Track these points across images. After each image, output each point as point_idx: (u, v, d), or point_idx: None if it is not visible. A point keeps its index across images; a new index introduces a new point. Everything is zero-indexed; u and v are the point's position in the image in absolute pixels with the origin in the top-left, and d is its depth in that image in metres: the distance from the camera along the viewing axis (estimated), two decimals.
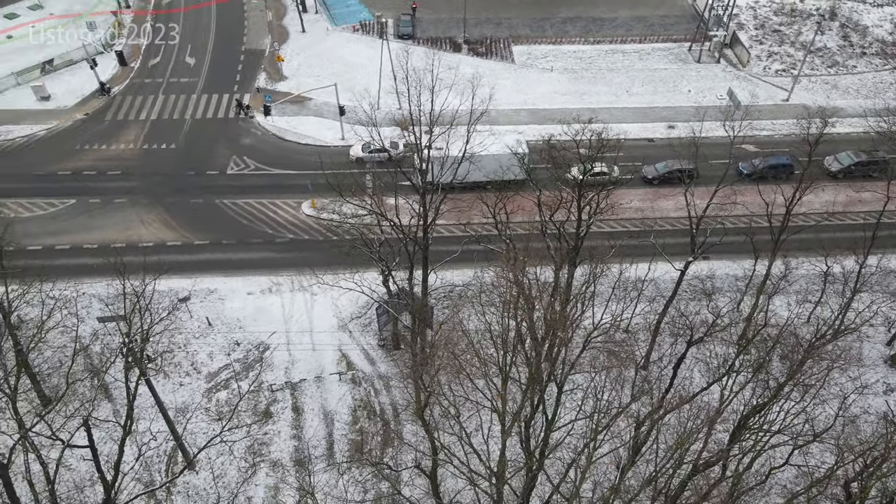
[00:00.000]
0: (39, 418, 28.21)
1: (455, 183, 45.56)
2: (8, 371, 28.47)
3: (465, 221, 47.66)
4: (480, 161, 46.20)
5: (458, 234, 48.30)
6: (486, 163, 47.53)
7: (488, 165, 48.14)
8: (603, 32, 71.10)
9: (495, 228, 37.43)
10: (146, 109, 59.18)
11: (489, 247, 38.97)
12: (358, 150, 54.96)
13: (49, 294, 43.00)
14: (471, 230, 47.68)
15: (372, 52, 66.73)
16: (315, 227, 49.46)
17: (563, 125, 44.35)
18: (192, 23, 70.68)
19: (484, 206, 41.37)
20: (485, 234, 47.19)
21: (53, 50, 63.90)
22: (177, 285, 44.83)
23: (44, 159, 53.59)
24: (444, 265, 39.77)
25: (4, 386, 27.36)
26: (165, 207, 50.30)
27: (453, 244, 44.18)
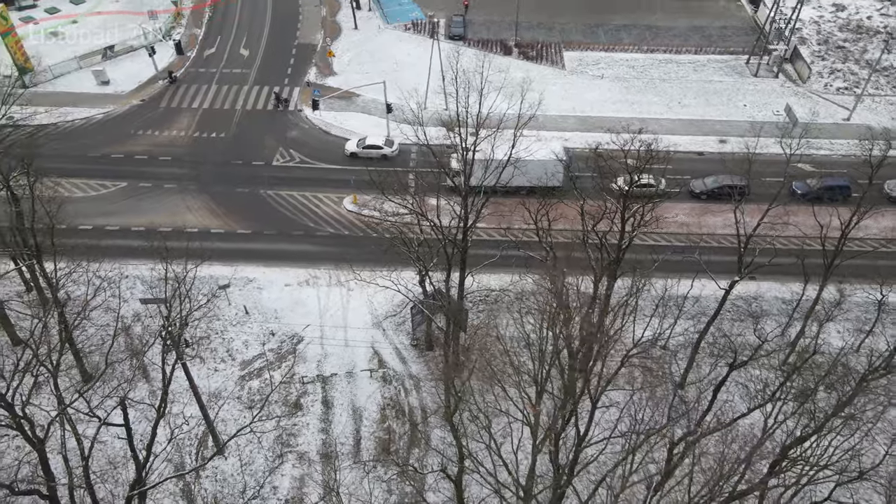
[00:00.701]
0: (79, 395, 28.88)
1: (498, 187, 45.65)
2: (51, 347, 29.14)
3: (506, 226, 47.21)
4: (525, 166, 45.86)
5: (498, 237, 47.88)
6: (529, 168, 47.07)
7: (532, 171, 47.59)
8: (658, 41, 69.64)
9: (536, 235, 36.82)
10: (199, 98, 60.45)
11: (529, 253, 38.41)
12: (353, 144, 54.96)
13: (96, 273, 44.40)
14: (511, 235, 47.29)
15: (422, 52, 66.86)
16: (356, 223, 49.67)
17: (612, 134, 43.64)
18: (248, 14, 72.02)
19: (525, 212, 41.04)
20: (525, 240, 46.76)
21: (115, 36, 65.90)
22: (218, 272, 45.50)
23: (99, 142, 55.23)
24: (481, 269, 39.34)
25: (47, 362, 28.03)
26: (211, 195, 51.23)
27: (492, 248, 43.66)
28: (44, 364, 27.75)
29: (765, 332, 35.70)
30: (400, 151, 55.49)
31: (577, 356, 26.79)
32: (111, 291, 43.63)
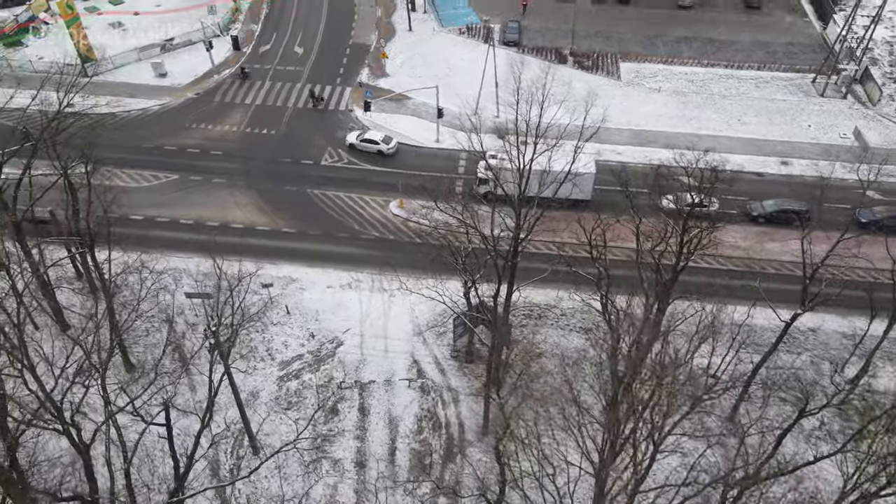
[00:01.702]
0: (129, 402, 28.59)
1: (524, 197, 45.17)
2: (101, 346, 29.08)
3: (559, 240, 45.60)
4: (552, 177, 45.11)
5: (545, 251, 46.72)
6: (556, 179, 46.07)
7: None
8: (719, 55, 67.41)
9: (589, 253, 35.41)
10: (252, 94, 60.88)
11: (580, 272, 37.09)
12: (353, 136, 55.11)
13: (144, 264, 44.96)
14: (560, 249, 45.93)
15: (475, 56, 65.99)
16: (401, 228, 49.18)
17: (674, 151, 42.15)
18: (304, 12, 72.40)
19: (574, 225, 39.78)
20: (574, 256, 45.50)
21: (174, 29, 66.95)
22: (262, 270, 45.42)
23: (154, 133, 56.05)
24: (530, 284, 38.20)
25: (96, 361, 27.99)
26: (259, 192, 51.41)
27: (540, 261, 42.66)
28: (94, 366, 27.71)
29: (827, 369, 33.88)
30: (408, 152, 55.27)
31: (629, 388, 25.52)
32: (158, 283, 44.17)
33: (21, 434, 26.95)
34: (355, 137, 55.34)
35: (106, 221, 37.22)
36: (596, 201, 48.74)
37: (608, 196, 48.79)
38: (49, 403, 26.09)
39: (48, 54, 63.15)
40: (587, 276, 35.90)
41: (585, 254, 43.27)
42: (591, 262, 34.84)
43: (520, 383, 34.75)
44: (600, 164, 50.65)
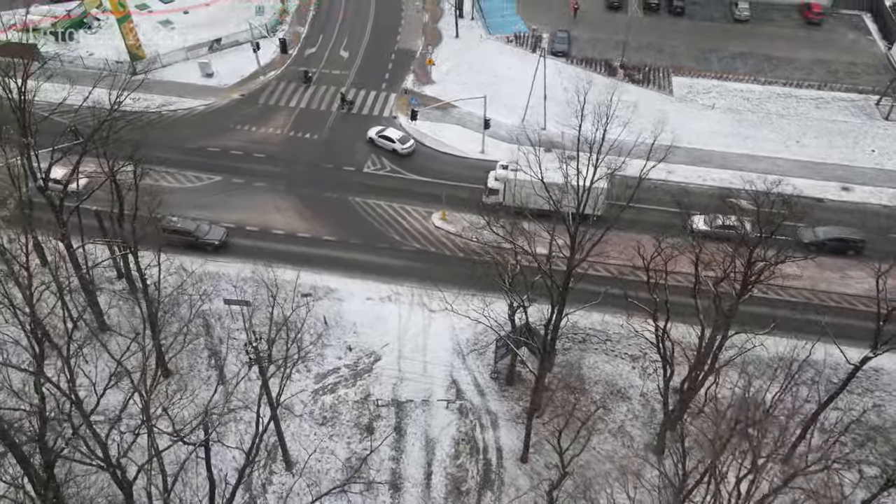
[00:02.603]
0: (177, 438, 27.98)
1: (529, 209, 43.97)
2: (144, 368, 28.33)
3: (612, 262, 43.73)
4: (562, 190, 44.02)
5: (592, 271, 44.91)
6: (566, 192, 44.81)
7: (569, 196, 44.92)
8: (777, 73, 64.87)
9: (646, 280, 33.58)
10: (296, 97, 60.43)
11: (638, 303, 35.27)
12: (373, 131, 55.40)
13: (183, 266, 44.70)
14: (609, 271, 44.33)
15: (523, 66, 64.59)
16: (443, 241, 48.04)
17: (732, 171, 40.34)
18: (351, 15, 71.85)
19: (623, 245, 38.10)
20: (619, 276, 43.91)
21: (222, 30, 66.96)
22: (301, 279, 44.67)
23: (198, 134, 55.91)
24: (583, 308, 36.41)
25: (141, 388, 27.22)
26: (300, 198, 50.79)
27: (586, 282, 40.90)
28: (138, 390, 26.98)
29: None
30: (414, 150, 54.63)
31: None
32: (197, 288, 43.78)
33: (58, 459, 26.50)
34: (375, 133, 55.19)
35: (153, 227, 36.66)
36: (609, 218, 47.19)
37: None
38: (95, 441, 25.57)
39: (99, 51, 63.83)
40: (644, 308, 34.05)
41: (635, 276, 42.05)
42: (648, 290, 33.05)
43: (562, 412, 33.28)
44: (645, 183, 48.49)
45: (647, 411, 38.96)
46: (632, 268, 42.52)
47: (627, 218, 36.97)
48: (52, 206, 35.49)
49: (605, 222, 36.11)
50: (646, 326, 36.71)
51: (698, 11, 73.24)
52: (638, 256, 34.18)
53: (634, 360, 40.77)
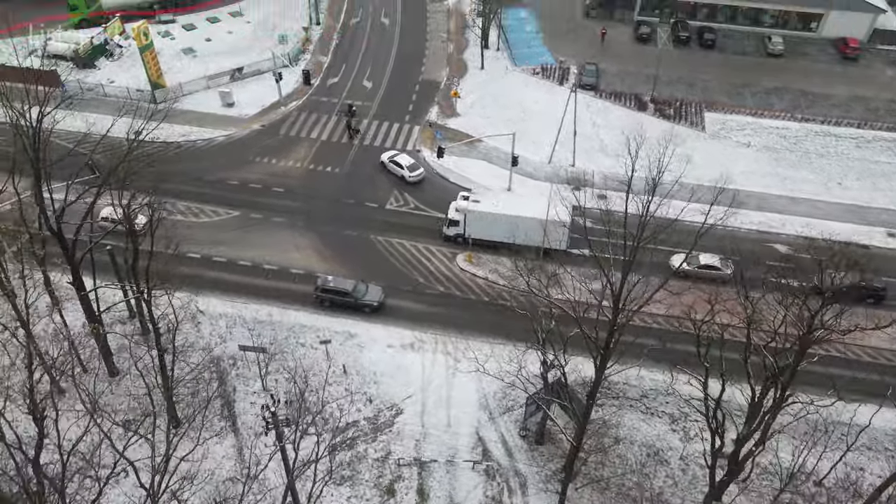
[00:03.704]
0: None
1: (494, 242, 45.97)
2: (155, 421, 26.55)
3: (663, 314, 41.10)
4: (526, 224, 44.78)
5: (639, 322, 42.01)
6: (530, 226, 45.02)
7: (532, 230, 45.07)
8: (813, 110, 62.60)
9: (694, 331, 30.87)
10: (318, 129, 59.02)
11: (685, 371, 32.69)
12: (387, 155, 54.73)
13: (199, 307, 42.92)
14: (645, 321, 41.69)
15: (550, 99, 62.98)
16: (468, 284, 45.91)
17: (775, 216, 37.82)
18: (374, 44, 70.73)
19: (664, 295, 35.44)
20: (661, 328, 41.49)
21: (244, 58, 66.03)
22: (319, 322, 42.98)
23: (218, 165, 54.51)
24: (628, 365, 33.73)
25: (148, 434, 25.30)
26: (320, 235, 49.00)
27: (626, 334, 38.35)
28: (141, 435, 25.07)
29: None
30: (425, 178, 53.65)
31: None
32: (212, 331, 41.99)
33: None
34: (387, 157, 54.29)
35: (167, 276, 34.87)
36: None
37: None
38: None
39: (120, 78, 63.06)
40: (693, 375, 31.40)
41: (678, 327, 39.62)
42: (697, 353, 30.51)
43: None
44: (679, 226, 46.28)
45: (687, 477, 36.32)
46: (677, 319, 40.20)
47: (659, 262, 34.51)
48: (64, 251, 33.83)
49: (659, 274, 33.45)
50: (691, 389, 34.35)
51: (730, 45, 71.36)
52: (679, 304, 31.71)
53: (674, 420, 38.20)
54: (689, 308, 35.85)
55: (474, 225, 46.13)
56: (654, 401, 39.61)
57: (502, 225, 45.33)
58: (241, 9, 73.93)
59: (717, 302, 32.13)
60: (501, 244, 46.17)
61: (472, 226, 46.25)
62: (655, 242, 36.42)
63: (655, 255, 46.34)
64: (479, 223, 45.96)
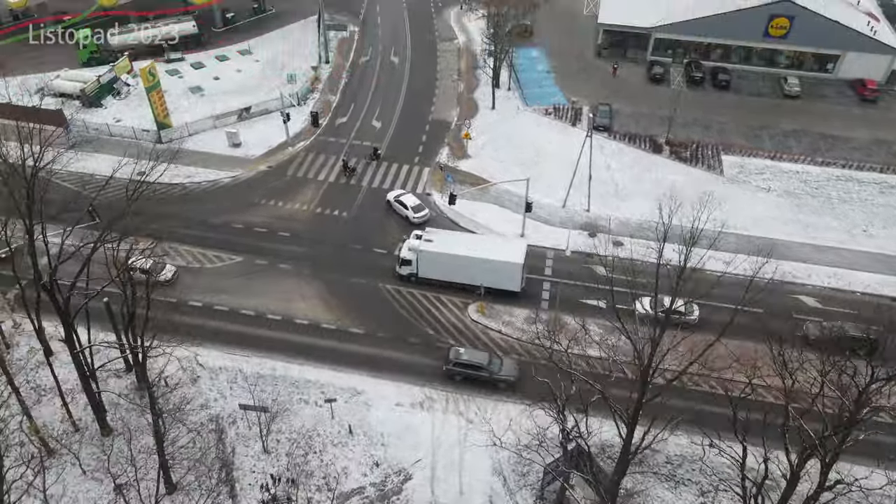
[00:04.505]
0: None
1: (449, 282, 45.57)
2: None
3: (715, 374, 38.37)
4: (480, 265, 44.24)
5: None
6: (484, 267, 44.42)
7: (486, 271, 44.60)
8: (834, 153, 61.02)
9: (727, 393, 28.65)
10: (325, 170, 57.71)
11: (721, 453, 30.40)
12: (392, 194, 53.68)
13: (198, 360, 41.01)
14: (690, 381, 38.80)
15: (563, 140, 61.70)
16: (480, 337, 43.86)
17: (799, 265, 35.43)
18: (384, 83, 69.90)
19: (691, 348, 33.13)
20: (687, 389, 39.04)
21: (252, 97, 65.21)
22: (324, 377, 40.95)
23: (222, 208, 53.07)
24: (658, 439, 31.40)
25: None
26: (326, 283, 47.21)
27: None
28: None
29: None
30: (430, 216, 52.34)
31: None
32: (211, 387, 40.02)
33: None
34: (393, 196, 53.45)
35: (166, 327, 33.12)
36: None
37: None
38: None
39: (126, 117, 62.23)
40: (731, 458, 29.13)
41: (707, 388, 37.47)
42: (733, 426, 28.32)
43: None
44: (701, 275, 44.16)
45: None
46: (707, 380, 38.01)
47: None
48: (57, 308, 32.08)
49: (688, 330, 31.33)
50: (722, 458, 32.01)
51: (745, 86, 70.24)
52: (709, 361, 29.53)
53: (703, 493, 35.66)
54: (721, 374, 33.93)
55: (427, 264, 45.57)
56: (679, 468, 37.16)
57: (455, 265, 44.97)
58: (250, 47, 73.51)
59: (753, 367, 30.26)
60: (455, 285, 45.87)
61: (424, 265, 45.68)
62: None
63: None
64: (432, 263, 45.42)
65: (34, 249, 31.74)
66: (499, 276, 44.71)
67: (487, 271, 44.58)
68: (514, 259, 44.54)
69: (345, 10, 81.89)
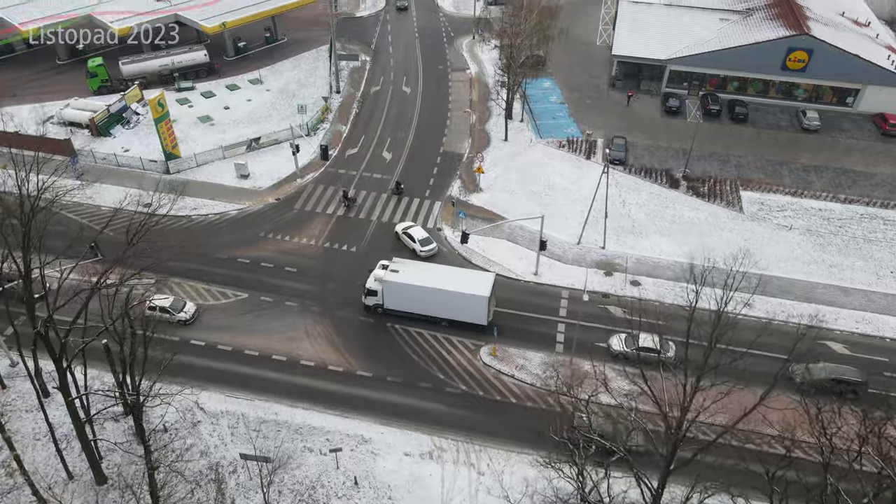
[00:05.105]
0: None
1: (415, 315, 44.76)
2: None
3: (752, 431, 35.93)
4: (445, 299, 43.36)
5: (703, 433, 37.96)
6: (449, 301, 43.47)
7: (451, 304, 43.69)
8: (856, 190, 59.32)
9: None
10: (334, 204, 56.50)
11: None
12: (401, 227, 52.64)
13: (199, 404, 39.50)
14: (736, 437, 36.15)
15: (577, 174, 60.46)
16: (493, 382, 42.08)
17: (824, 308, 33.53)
18: (395, 114, 69.08)
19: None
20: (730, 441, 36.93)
21: (262, 127, 64.50)
22: (329, 423, 39.26)
23: (228, 242, 51.88)
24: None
25: None
26: (334, 322, 45.72)
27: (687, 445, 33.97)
28: None
29: None
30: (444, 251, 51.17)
31: None
32: (213, 431, 38.38)
33: None
34: (402, 228, 52.37)
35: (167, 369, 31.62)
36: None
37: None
38: None
39: (135, 147, 61.57)
40: None
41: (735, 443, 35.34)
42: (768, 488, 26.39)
43: None
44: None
45: None
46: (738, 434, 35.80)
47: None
48: (52, 355, 30.69)
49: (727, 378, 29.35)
50: None
51: (762, 119, 68.90)
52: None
53: None
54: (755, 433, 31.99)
55: (392, 295, 44.68)
56: None
57: (420, 297, 44.13)
58: (261, 76, 73.04)
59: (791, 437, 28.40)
60: (421, 317, 44.95)
61: (389, 296, 44.78)
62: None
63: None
64: (397, 294, 44.54)
65: (31, 296, 30.40)
66: (464, 310, 43.84)
67: (453, 304, 43.74)
68: (480, 292, 43.47)
69: (357, 39, 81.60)
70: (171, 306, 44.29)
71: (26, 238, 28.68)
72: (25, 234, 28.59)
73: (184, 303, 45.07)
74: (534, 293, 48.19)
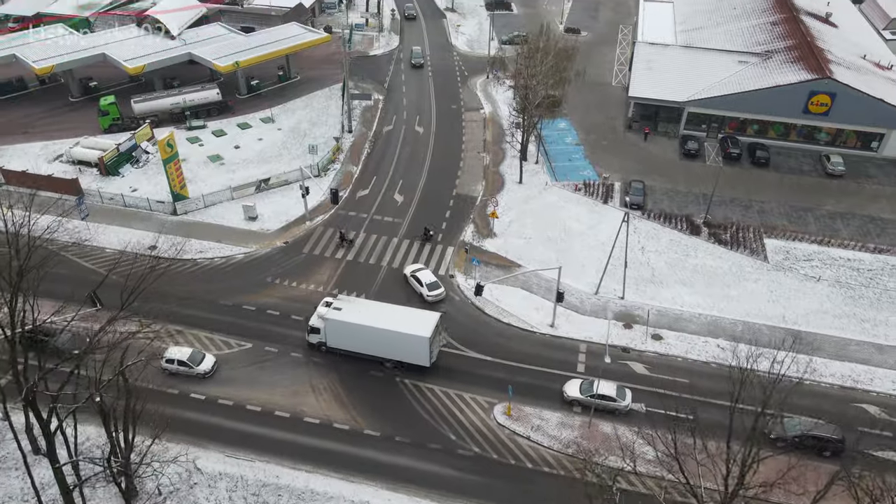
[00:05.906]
0: None
1: (361, 355, 43.58)
2: None
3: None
4: (389, 339, 42.40)
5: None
6: (392, 341, 42.46)
7: (395, 344, 42.65)
8: (886, 238, 57.06)
9: None
10: (343, 248, 54.88)
11: None
12: (409, 269, 51.56)
13: (196, 464, 37.36)
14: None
15: (593, 219, 58.67)
16: (507, 445, 39.69)
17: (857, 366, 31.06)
18: (407, 154, 67.90)
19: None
20: None
21: (272, 167, 63.46)
22: (333, 488, 36.93)
23: (234, 288, 50.20)
24: None
25: None
26: (340, 375, 43.66)
27: None
28: None
29: None
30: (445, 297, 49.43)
31: None
32: (210, 495, 36.14)
33: None
34: (410, 271, 51.24)
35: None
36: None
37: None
38: None
39: (143, 187, 60.59)
40: None
41: None
42: None
43: None
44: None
45: None
46: None
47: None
48: (39, 421, 28.85)
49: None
50: None
51: (784, 163, 67.11)
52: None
53: None
54: None
55: (334, 334, 43.45)
56: None
57: (362, 336, 42.89)
58: (273, 115, 72.36)
59: None
60: (365, 356, 43.87)
61: (332, 335, 43.50)
62: None
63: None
64: (340, 332, 43.23)
65: (16, 365, 28.64)
66: (406, 350, 42.51)
67: (395, 344, 42.49)
68: (421, 333, 41.98)
69: (370, 78, 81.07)
70: (189, 359, 42.40)
71: (14, 294, 27.07)
72: (14, 291, 27.01)
73: (203, 355, 43.22)
74: (550, 346, 46.01)
